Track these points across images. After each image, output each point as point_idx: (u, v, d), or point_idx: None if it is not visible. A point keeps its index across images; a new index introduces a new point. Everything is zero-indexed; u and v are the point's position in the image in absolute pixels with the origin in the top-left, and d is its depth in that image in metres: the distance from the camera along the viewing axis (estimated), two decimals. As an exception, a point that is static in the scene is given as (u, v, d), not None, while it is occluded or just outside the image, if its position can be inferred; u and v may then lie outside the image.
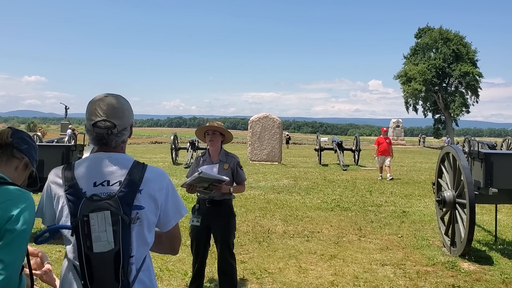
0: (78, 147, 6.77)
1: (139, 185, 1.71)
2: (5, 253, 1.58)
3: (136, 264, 1.70)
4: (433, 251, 6.17)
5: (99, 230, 1.57)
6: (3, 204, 1.65)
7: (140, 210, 1.71)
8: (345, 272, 5.22)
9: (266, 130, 19.37)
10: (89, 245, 1.57)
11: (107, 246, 1.57)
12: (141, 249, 1.73)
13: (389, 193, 11.68)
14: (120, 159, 1.78)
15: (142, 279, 1.72)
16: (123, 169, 1.74)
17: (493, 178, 5.80)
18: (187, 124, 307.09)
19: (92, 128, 1.75)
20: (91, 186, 1.70)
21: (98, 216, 1.58)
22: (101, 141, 1.78)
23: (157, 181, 1.78)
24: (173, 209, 1.83)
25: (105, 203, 1.61)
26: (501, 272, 5.28)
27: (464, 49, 51.39)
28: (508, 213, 9.04)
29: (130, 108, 1.86)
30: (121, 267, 1.60)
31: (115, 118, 1.76)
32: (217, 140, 4.13)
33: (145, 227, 1.74)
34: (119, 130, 1.77)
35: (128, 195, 1.67)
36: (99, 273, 1.58)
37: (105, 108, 1.76)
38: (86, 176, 1.72)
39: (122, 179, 1.71)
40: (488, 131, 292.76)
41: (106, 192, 1.68)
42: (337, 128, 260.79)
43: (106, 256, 1.57)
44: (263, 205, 9.26)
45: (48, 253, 5.32)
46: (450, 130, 52.32)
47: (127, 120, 1.81)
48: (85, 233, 1.57)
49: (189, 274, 5.01)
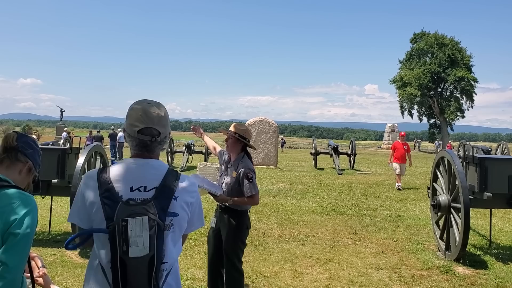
0: (73, 150, 6.73)
1: (174, 192, 1.74)
2: (9, 256, 1.60)
3: (167, 270, 1.72)
4: (428, 255, 6.20)
5: (136, 235, 1.58)
6: (7, 207, 1.66)
7: (175, 217, 1.74)
8: (341, 276, 5.23)
9: (262, 134, 19.38)
10: (125, 250, 1.57)
11: (143, 251, 1.58)
12: (173, 255, 1.76)
13: (384, 197, 11.71)
14: (156, 165, 1.81)
15: (170, 283, 1.74)
16: (159, 175, 1.77)
17: (488, 183, 5.84)
18: (183, 127, 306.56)
19: (136, 135, 1.78)
20: (127, 190, 1.71)
21: (137, 221, 1.59)
22: (144, 148, 1.81)
23: (190, 190, 1.82)
24: (197, 217, 1.89)
25: (143, 208, 1.62)
26: (496, 276, 5.31)
27: (459, 54, 51.65)
28: (502, 218, 9.09)
29: (169, 116, 1.91)
30: (154, 272, 1.61)
31: (160, 126, 1.80)
32: (230, 145, 3.88)
33: (177, 234, 1.78)
34: (162, 138, 1.82)
35: (164, 202, 1.70)
36: (133, 278, 1.59)
37: (151, 115, 1.79)
38: (122, 181, 1.73)
39: (158, 185, 1.73)
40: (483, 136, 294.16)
41: (142, 198, 1.69)
42: (333, 132, 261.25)
43: (141, 261, 1.58)
44: (259, 209, 9.26)
45: (43, 256, 5.30)
46: (445, 134, 52.51)
47: (168, 128, 1.87)
48: (122, 238, 1.58)
49: (184, 277, 5.01)
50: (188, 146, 19.73)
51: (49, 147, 7.60)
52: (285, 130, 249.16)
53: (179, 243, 1.82)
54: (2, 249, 1.61)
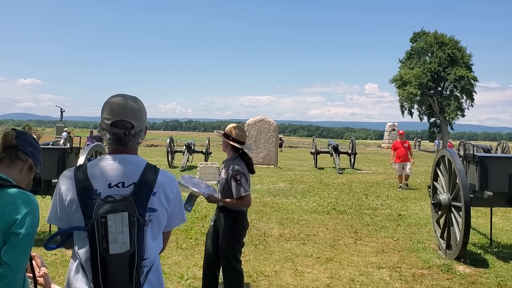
0: (74, 150, 6.73)
1: (153, 187, 1.73)
2: (10, 256, 1.60)
3: (148, 266, 1.72)
4: (429, 254, 6.19)
5: (116, 231, 1.57)
6: (8, 207, 1.65)
7: (153, 212, 1.72)
8: (341, 275, 5.23)
9: (262, 134, 19.37)
10: (105, 247, 1.56)
11: (123, 248, 1.57)
12: (153, 251, 1.75)
13: (385, 196, 11.71)
14: (134, 160, 1.79)
15: (151, 280, 1.73)
16: (137, 171, 1.75)
17: (488, 181, 5.84)
18: (183, 127, 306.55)
19: (110, 128, 1.76)
20: (106, 187, 1.70)
21: (116, 218, 1.58)
22: (118, 141, 1.78)
23: (169, 185, 1.81)
24: (177, 214, 1.86)
25: (122, 205, 1.61)
26: (496, 275, 5.30)
27: (459, 53, 51.61)
28: (503, 216, 9.08)
29: (145, 110, 1.87)
30: (135, 268, 1.60)
31: (134, 119, 1.77)
32: (224, 146, 4.00)
33: (156, 230, 1.76)
34: (137, 131, 1.79)
35: (143, 197, 1.68)
36: (114, 274, 1.58)
37: (124, 108, 1.77)
38: (100, 177, 1.72)
39: (137, 181, 1.71)
40: (483, 135, 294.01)
41: (121, 194, 1.68)
42: (333, 131, 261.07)
43: (122, 258, 1.57)
44: (259, 208, 9.26)
45: (43, 256, 5.29)
46: (445, 133, 52.47)
47: (144, 122, 1.84)
48: (101, 235, 1.56)
49: (185, 277, 5.00)
50: (188, 146, 19.74)
51: (50, 147, 7.60)
52: (285, 129, 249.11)
53: (159, 239, 1.80)
54: (3, 249, 1.61)
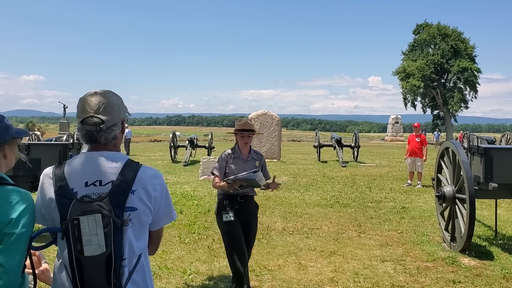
0: (75, 145, 6.73)
1: (131, 185, 1.66)
2: (5, 257, 1.56)
3: (129, 266, 1.66)
4: (433, 246, 6.15)
5: (90, 233, 1.53)
6: (3, 207, 1.61)
7: (133, 211, 1.66)
8: (345, 268, 5.20)
9: (265, 127, 19.34)
10: (79, 249, 1.52)
11: (98, 250, 1.53)
12: (134, 251, 1.69)
13: (388, 189, 11.66)
14: (113, 157, 1.73)
15: (135, 280, 1.68)
16: (116, 168, 1.69)
17: (493, 173, 5.77)
18: (186, 122, 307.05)
19: (81, 125, 1.71)
20: (82, 186, 1.65)
21: (89, 219, 1.53)
22: (91, 138, 1.72)
23: (150, 182, 1.73)
24: (165, 211, 1.80)
25: (96, 205, 1.56)
26: (502, 267, 5.26)
27: (462, 45, 51.28)
28: (508, 208, 9.02)
29: (120, 103, 1.79)
30: (113, 270, 1.56)
31: (103, 114, 1.70)
32: (250, 141, 4.29)
33: (138, 229, 1.70)
34: (108, 126, 1.71)
35: (120, 197, 1.62)
36: (90, 276, 1.54)
37: (92, 104, 1.70)
38: (77, 176, 1.67)
39: (115, 179, 1.65)
40: (487, 127, 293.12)
41: (98, 193, 1.63)
42: (336, 125, 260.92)
43: (97, 260, 1.53)
44: (262, 202, 9.23)
45: (45, 252, 5.28)
46: (448, 126, 52.28)
47: (116, 115, 1.75)
48: (75, 237, 1.53)
49: (188, 272, 4.99)
50: (191, 141, 19.75)
51: (51, 143, 7.60)
52: (288, 123, 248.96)
53: (144, 237, 1.74)
54: None
